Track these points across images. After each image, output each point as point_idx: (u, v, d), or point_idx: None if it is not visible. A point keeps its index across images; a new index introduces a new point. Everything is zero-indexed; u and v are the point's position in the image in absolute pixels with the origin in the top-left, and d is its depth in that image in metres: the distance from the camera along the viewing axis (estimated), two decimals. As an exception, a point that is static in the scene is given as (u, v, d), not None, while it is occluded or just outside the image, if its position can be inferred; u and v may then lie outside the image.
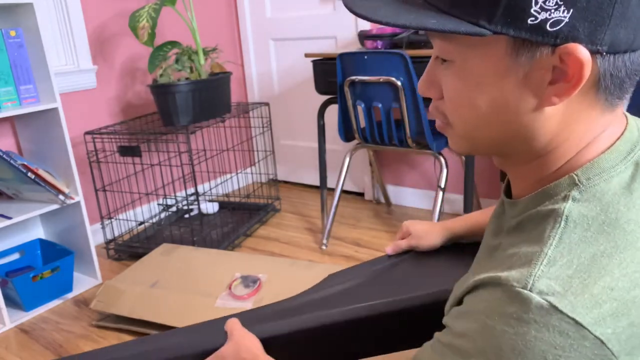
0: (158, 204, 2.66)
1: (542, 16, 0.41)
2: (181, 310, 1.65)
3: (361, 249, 2.21)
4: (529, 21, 0.42)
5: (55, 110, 1.91)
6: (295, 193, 2.99)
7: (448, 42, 0.47)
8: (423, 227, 0.94)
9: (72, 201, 1.97)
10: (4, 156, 1.79)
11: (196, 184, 2.18)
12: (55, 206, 1.95)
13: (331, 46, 2.70)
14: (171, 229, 2.53)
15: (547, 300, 0.40)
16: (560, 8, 0.41)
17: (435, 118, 0.55)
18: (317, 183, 3.03)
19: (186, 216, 2.68)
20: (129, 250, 2.31)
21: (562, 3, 0.41)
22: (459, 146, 0.54)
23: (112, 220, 2.41)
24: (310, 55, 2.24)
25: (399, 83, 1.82)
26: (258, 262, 1.89)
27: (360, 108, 1.99)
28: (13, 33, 1.82)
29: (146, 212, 2.66)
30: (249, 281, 1.75)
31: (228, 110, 2.40)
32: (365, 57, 1.86)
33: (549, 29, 0.42)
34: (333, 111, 2.73)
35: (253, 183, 3.19)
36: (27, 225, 2.17)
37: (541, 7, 0.41)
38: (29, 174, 1.83)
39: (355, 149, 2.22)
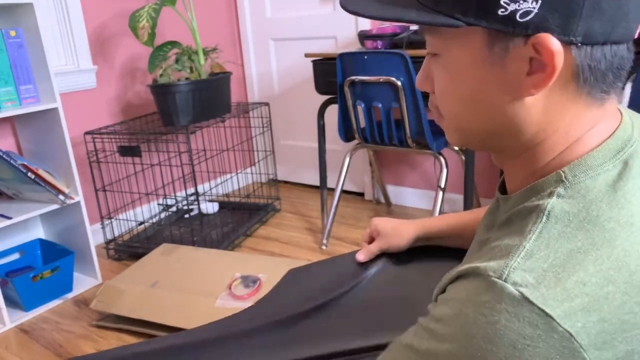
0: (158, 204, 2.66)
1: (512, 7, 0.43)
2: (181, 310, 1.65)
3: (361, 249, 2.21)
4: (500, 12, 0.43)
5: (55, 110, 1.91)
6: (295, 193, 2.99)
7: (435, 37, 0.50)
8: (393, 226, 0.90)
9: (72, 201, 1.97)
10: (4, 156, 1.79)
11: (196, 184, 2.18)
12: (55, 206, 1.95)
13: (331, 46, 2.70)
14: (171, 229, 2.53)
15: (520, 291, 0.41)
16: None
17: (432, 112, 0.57)
18: (317, 183, 3.03)
19: (186, 216, 2.68)
20: (129, 250, 2.31)
21: None
22: (452, 138, 0.56)
23: (112, 220, 2.42)
24: (310, 55, 2.24)
25: (399, 83, 1.82)
26: (258, 262, 1.89)
27: (360, 108, 1.99)
28: (13, 33, 1.83)
29: (146, 212, 2.66)
30: (249, 281, 1.75)
31: (228, 110, 2.40)
32: (365, 57, 1.86)
33: (519, 20, 0.43)
34: (333, 111, 2.73)
35: (253, 183, 3.19)
36: (27, 225, 2.17)
37: None
38: (29, 174, 1.83)
39: (355, 149, 2.22)
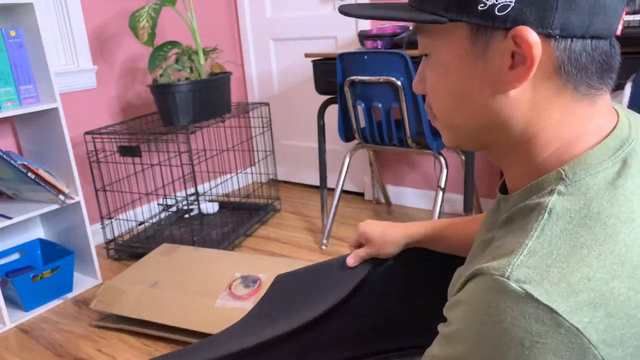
0: (158, 204, 2.66)
1: (490, 2, 0.45)
2: (181, 310, 1.65)
3: (361, 249, 2.21)
4: (479, 7, 0.46)
5: (55, 110, 1.91)
6: (295, 193, 2.99)
7: (425, 37, 0.52)
8: (382, 233, 0.90)
9: (72, 201, 1.97)
10: (4, 156, 1.79)
11: (196, 184, 2.18)
12: (55, 206, 1.95)
13: (331, 46, 2.71)
14: (171, 229, 2.53)
15: (523, 288, 0.41)
16: None
17: (428, 113, 0.58)
18: (317, 183, 3.03)
19: (186, 216, 2.68)
20: (129, 250, 2.31)
21: None
22: (446, 138, 0.57)
23: (112, 220, 2.42)
24: (310, 55, 2.24)
25: (399, 83, 1.82)
26: (258, 262, 1.89)
27: (360, 108, 1.99)
28: (13, 33, 1.83)
29: (146, 212, 2.66)
30: (249, 281, 1.75)
31: (228, 110, 2.40)
32: (365, 57, 1.86)
33: (498, 14, 0.45)
34: (333, 111, 2.73)
35: (253, 183, 3.19)
36: (27, 225, 2.17)
37: None
38: (29, 174, 1.83)
39: (355, 149, 2.22)
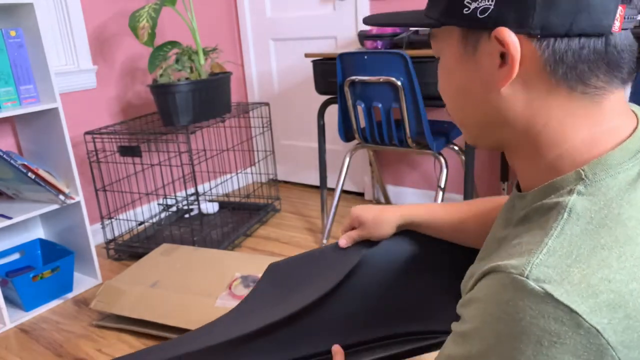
0: (158, 204, 2.66)
1: (473, 6, 0.48)
2: (181, 310, 1.65)
3: (361, 249, 2.21)
4: (464, 11, 0.49)
5: (55, 110, 1.91)
6: (295, 193, 2.99)
7: (434, 41, 0.56)
8: (375, 215, 0.89)
9: (72, 201, 1.97)
10: (4, 156, 1.79)
11: (196, 184, 2.18)
12: (55, 206, 1.95)
13: (331, 46, 2.71)
14: (171, 229, 2.53)
15: (543, 287, 0.41)
16: None
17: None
18: (317, 183, 3.03)
19: (186, 216, 2.68)
20: (129, 250, 2.31)
21: None
22: (464, 136, 0.60)
23: (112, 220, 2.42)
24: (310, 55, 2.24)
25: (399, 83, 1.82)
26: (258, 262, 1.89)
27: (360, 108, 1.99)
28: (13, 33, 1.83)
29: (146, 212, 2.66)
30: (249, 281, 1.75)
31: (228, 110, 2.40)
32: (365, 57, 1.86)
33: (480, 17, 0.48)
34: (333, 111, 2.73)
35: (253, 183, 3.19)
36: (27, 225, 2.17)
37: None
38: (29, 174, 1.83)
39: (355, 149, 2.22)
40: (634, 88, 1.52)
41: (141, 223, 2.52)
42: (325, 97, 2.37)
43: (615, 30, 0.46)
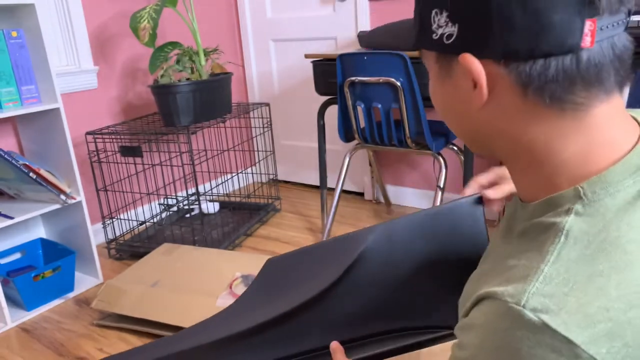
0: (159, 204, 2.67)
1: (440, 32, 0.50)
2: (182, 309, 1.66)
3: (361, 249, 2.22)
4: (433, 37, 0.50)
5: (56, 110, 1.92)
6: (295, 193, 3.00)
7: (424, 59, 0.57)
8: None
9: (74, 201, 1.98)
10: (6, 156, 1.80)
11: (197, 184, 2.19)
12: (56, 206, 1.96)
13: (331, 47, 2.71)
14: (172, 229, 2.54)
15: (540, 318, 0.40)
16: (449, 24, 0.48)
17: None
18: (317, 183, 3.04)
19: (187, 216, 2.69)
20: (130, 249, 2.32)
21: (449, 20, 0.48)
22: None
23: (114, 220, 2.42)
24: (310, 56, 2.25)
25: (399, 84, 1.83)
26: (259, 262, 1.90)
27: (360, 108, 2.00)
28: (14, 34, 1.83)
29: (147, 212, 2.67)
30: (250, 280, 1.76)
31: (229, 110, 2.41)
32: (365, 58, 1.87)
33: (446, 42, 0.49)
34: (333, 111, 2.74)
35: (253, 183, 3.20)
36: (29, 225, 2.18)
37: (438, 25, 0.50)
38: (31, 174, 1.84)
39: (355, 149, 2.22)
40: (633, 89, 1.53)
41: (142, 223, 2.53)
42: (325, 98, 2.37)
43: (586, 45, 0.44)
